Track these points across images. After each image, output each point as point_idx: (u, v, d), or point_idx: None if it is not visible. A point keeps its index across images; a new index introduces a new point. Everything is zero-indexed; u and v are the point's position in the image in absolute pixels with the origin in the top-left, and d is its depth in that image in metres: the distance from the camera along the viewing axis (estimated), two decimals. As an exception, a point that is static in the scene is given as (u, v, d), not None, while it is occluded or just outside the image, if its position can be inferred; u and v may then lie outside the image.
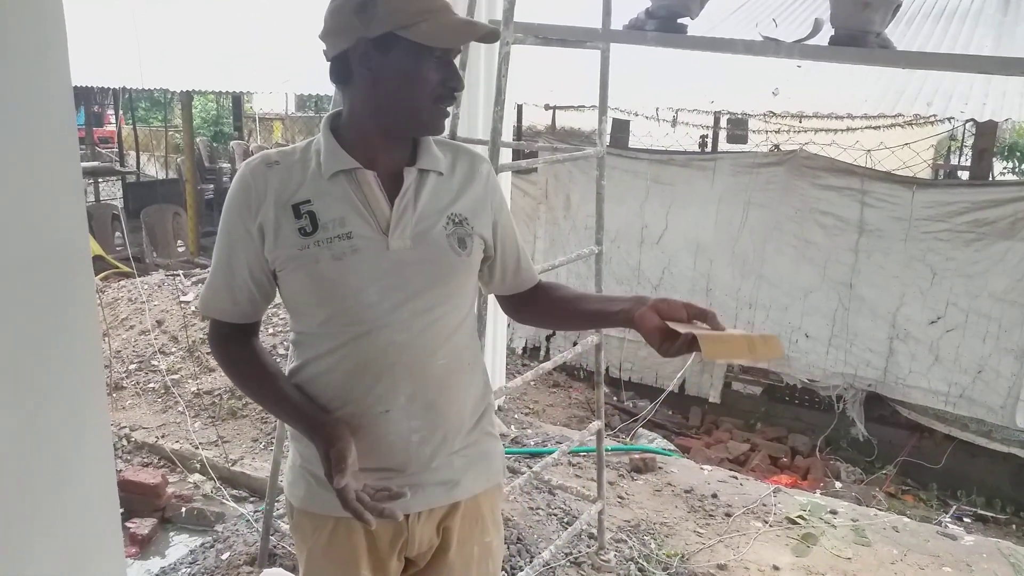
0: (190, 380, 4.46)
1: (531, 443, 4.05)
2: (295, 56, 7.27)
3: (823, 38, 2.13)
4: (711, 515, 3.44)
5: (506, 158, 3.73)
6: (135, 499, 3.30)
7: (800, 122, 7.50)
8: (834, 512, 3.53)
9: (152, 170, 14.06)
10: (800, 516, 3.44)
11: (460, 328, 1.35)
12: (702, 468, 4.02)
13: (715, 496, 3.59)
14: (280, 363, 1.38)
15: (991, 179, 6.42)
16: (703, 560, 3.06)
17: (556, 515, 3.28)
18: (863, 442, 5.71)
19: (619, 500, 3.51)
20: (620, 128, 8.69)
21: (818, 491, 4.62)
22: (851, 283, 5.57)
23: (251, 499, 3.48)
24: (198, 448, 3.77)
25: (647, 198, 6.25)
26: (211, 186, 10.75)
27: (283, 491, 1.47)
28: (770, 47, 2.16)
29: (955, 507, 5.02)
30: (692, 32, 2.33)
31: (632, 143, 8.56)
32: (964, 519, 4.80)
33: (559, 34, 2.55)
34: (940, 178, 8.51)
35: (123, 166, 12.19)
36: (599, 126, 2.76)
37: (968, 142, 8.34)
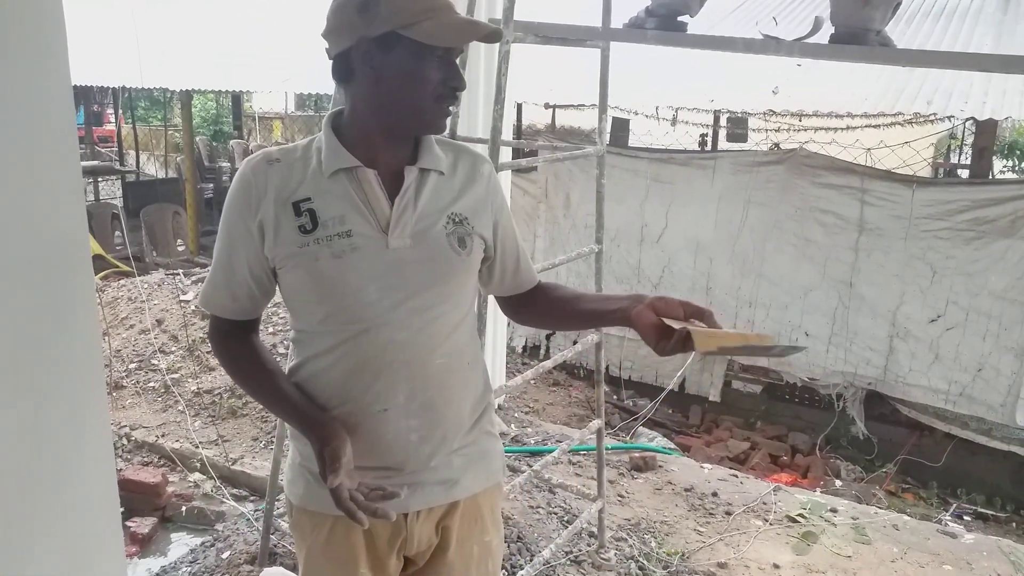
0: (190, 379, 4.46)
1: (531, 442, 4.05)
2: (295, 55, 7.27)
3: (823, 36, 2.13)
4: (711, 513, 3.44)
5: (506, 157, 3.74)
6: (135, 498, 3.30)
7: (800, 120, 7.49)
8: (834, 510, 3.53)
9: (152, 169, 14.06)
10: (800, 514, 3.44)
11: (459, 327, 1.34)
12: (702, 467, 4.02)
13: (715, 494, 3.59)
14: (280, 362, 1.38)
15: (991, 177, 6.42)
16: (703, 558, 3.06)
17: (556, 514, 3.28)
18: (863, 440, 5.70)
19: (619, 499, 3.51)
20: (620, 127, 8.68)
21: (818, 489, 4.62)
22: (851, 281, 5.56)
23: (251, 498, 3.48)
24: (198, 447, 3.77)
25: (647, 197, 6.25)
26: (211, 185, 10.75)
27: (283, 490, 1.47)
28: (770, 45, 2.15)
29: (955, 505, 5.02)
30: (692, 30, 2.33)
31: (632, 142, 8.56)
32: (964, 517, 4.80)
33: (559, 33, 2.55)
34: (940, 176, 8.51)
35: (123, 165, 12.18)
36: (599, 125, 2.76)
37: (968, 140, 8.34)
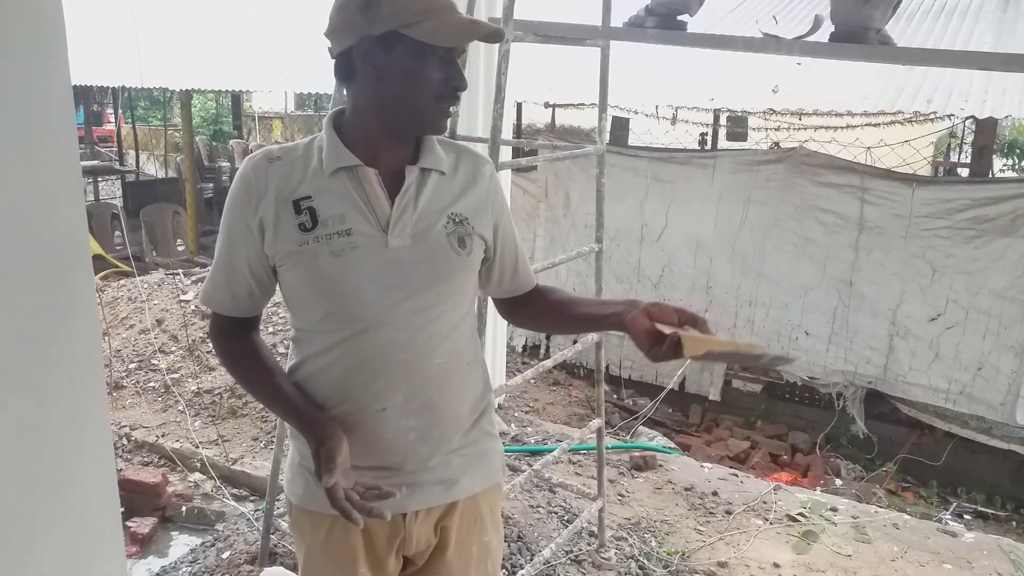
0: (190, 379, 4.46)
1: (531, 441, 4.05)
2: (294, 55, 7.27)
3: (823, 35, 2.13)
4: (711, 513, 3.44)
5: (506, 156, 3.74)
6: (135, 498, 3.30)
7: (800, 119, 7.50)
8: (834, 509, 3.53)
9: (152, 169, 14.06)
10: (800, 513, 3.44)
11: (459, 327, 1.34)
12: (702, 466, 4.02)
13: (715, 494, 3.59)
14: (280, 362, 1.38)
15: (991, 176, 6.42)
16: (704, 558, 3.06)
17: (556, 513, 3.28)
18: (863, 439, 5.71)
19: (619, 498, 3.51)
20: (620, 126, 8.68)
21: (818, 488, 4.62)
22: (851, 280, 5.56)
23: (251, 498, 3.48)
24: (198, 447, 3.77)
25: (647, 196, 6.25)
26: (211, 185, 10.75)
27: (283, 489, 1.47)
28: (770, 44, 2.15)
29: (955, 504, 5.02)
30: (692, 29, 2.33)
31: (632, 141, 8.56)
32: (964, 516, 4.80)
33: (559, 32, 2.55)
34: (940, 175, 8.52)
35: (122, 165, 12.18)
36: (599, 124, 2.75)
37: (968, 139, 8.34)
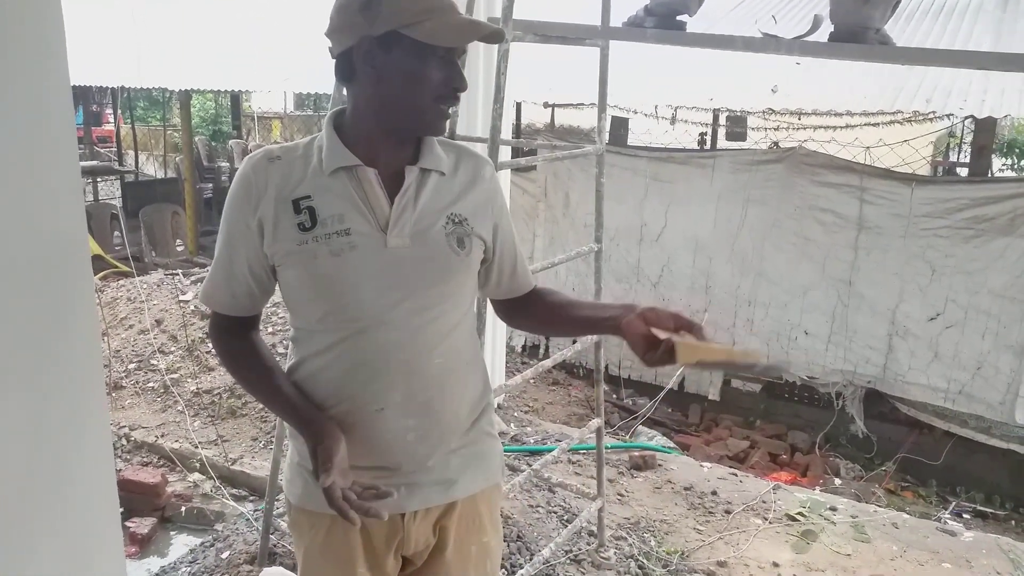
0: (189, 379, 4.45)
1: (531, 441, 4.05)
2: (294, 55, 7.27)
3: (822, 35, 2.13)
4: (711, 512, 3.44)
5: (505, 156, 3.74)
6: (135, 498, 3.30)
7: (799, 119, 7.49)
8: (834, 509, 3.54)
9: (151, 169, 14.06)
10: (800, 513, 3.45)
11: (458, 327, 1.34)
12: (702, 465, 4.02)
13: (715, 493, 3.59)
14: (280, 362, 1.38)
15: (990, 175, 6.42)
16: (703, 557, 3.06)
17: (556, 513, 3.28)
18: (862, 439, 5.71)
19: (619, 498, 3.51)
20: (619, 126, 8.66)
21: (818, 488, 4.63)
22: (850, 280, 5.57)
23: (251, 498, 3.48)
24: (197, 447, 3.77)
25: (646, 196, 6.25)
26: (210, 185, 10.75)
27: (283, 489, 1.47)
28: (769, 44, 2.16)
29: (954, 503, 5.03)
30: (691, 29, 2.33)
31: (631, 141, 8.54)
32: (963, 515, 4.81)
33: (558, 31, 2.55)
34: (939, 175, 8.51)
35: (122, 165, 12.18)
36: (598, 124, 2.75)
37: (967, 139, 8.35)
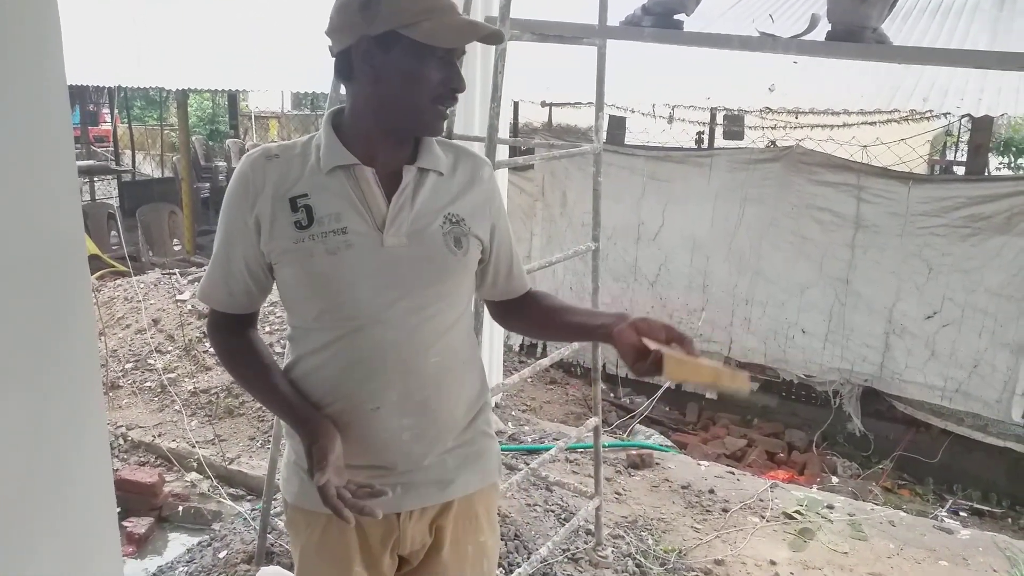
0: (186, 379, 4.45)
1: (528, 440, 4.05)
2: (291, 54, 7.25)
3: (819, 34, 2.14)
4: (708, 511, 3.44)
5: (503, 155, 3.74)
6: (132, 498, 3.30)
7: (796, 118, 7.50)
8: (831, 507, 3.54)
9: (148, 169, 14.02)
10: (797, 511, 3.45)
11: (455, 326, 1.34)
12: (699, 464, 4.03)
13: (712, 492, 3.60)
14: (277, 360, 1.38)
15: (987, 174, 6.43)
16: (700, 555, 3.07)
17: (553, 511, 3.28)
18: (860, 437, 5.71)
19: (616, 496, 3.51)
20: (616, 125, 8.65)
21: (815, 486, 4.63)
22: (847, 279, 5.57)
23: (248, 497, 3.48)
24: (195, 447, 3.77)
25: (644, 195, 6.25)
26: (207, 185, 10.74)
27: (280, 488, 1.47)
28: (766, 43, 2.16)
29: (951, 501, 5.04)
30: (688, 28, 2.34)
31: (628, 140, 8.53)
32: (960, 513, 4.81)
33: (556, 30, 2.55)
34: (936, 173, 8.52)
35: (119, 165, 12.14)
36: (595, 123, 2.76)
37: (964, 137, 8.36)
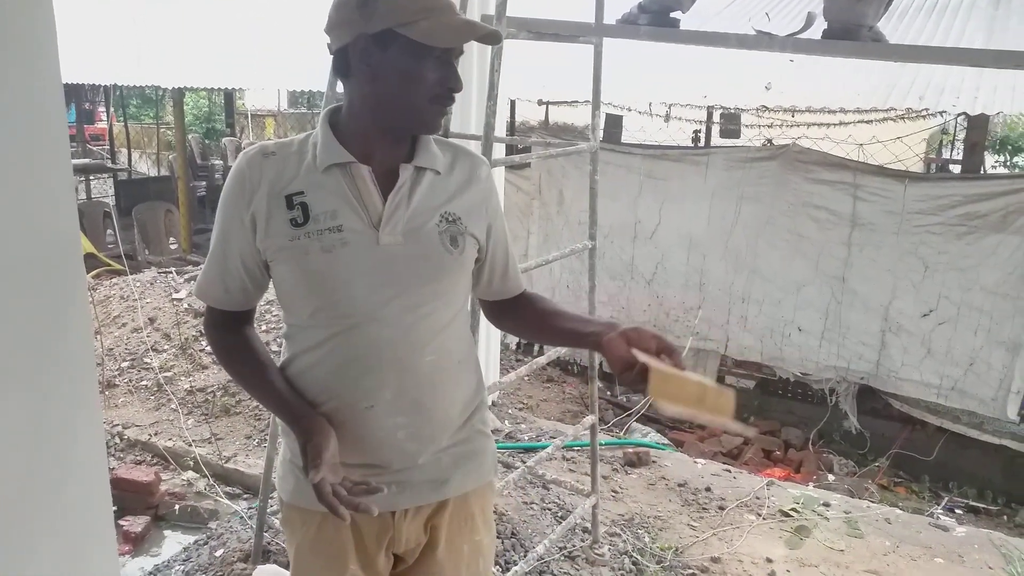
0: (183, 377, 4.44)
1: (525, 438, 4.05)
2: (288, 52, 7.24)
3: (816, 32, 2.14)
4: (705, 508, 3.45)
5: (499, 153, 3.73)
6: (128, 497, 3.30)
7: (793, 116, 7.52)
8: (827, 504, 3.55)
9: (144, 167, 14.01)
10: (793, 509, 3.46)
11: (450, 325, 1.34)
12: (695, 462, 4.03)
13: (708, 490, 3.60)
14: (274, 358, 1.38)
15: (983, 172, 6.44)
16: (697, 553, 3.07)
17: (550, 509, 3.29)
18: (856, 435, 5.72)
19: (613, 494, 3.51)
20: (613, 123, 8.65)
21: (811, 484, 4.63)
22: (844, 277, 5.58)
23: (245, 496, 3.48)
24: (191, 445, 3.76)
25: (640, 193, 6.25)
26: (203, 183, 10.71)
27: (276, 487, 1.47)
28: (763, 41, 2.16)
29: (947, 499, 5.05)
30: (684, 26, 2.34)
31: (625, 138, 8.53)
32: (956, 510, 4.82)
33: (552, 29, 2.55)
34: (932, 172, 8.54)
35: (115, 163, 12.11)
36: (592, 121, 2.76)
37: (960, 136, 8.39)
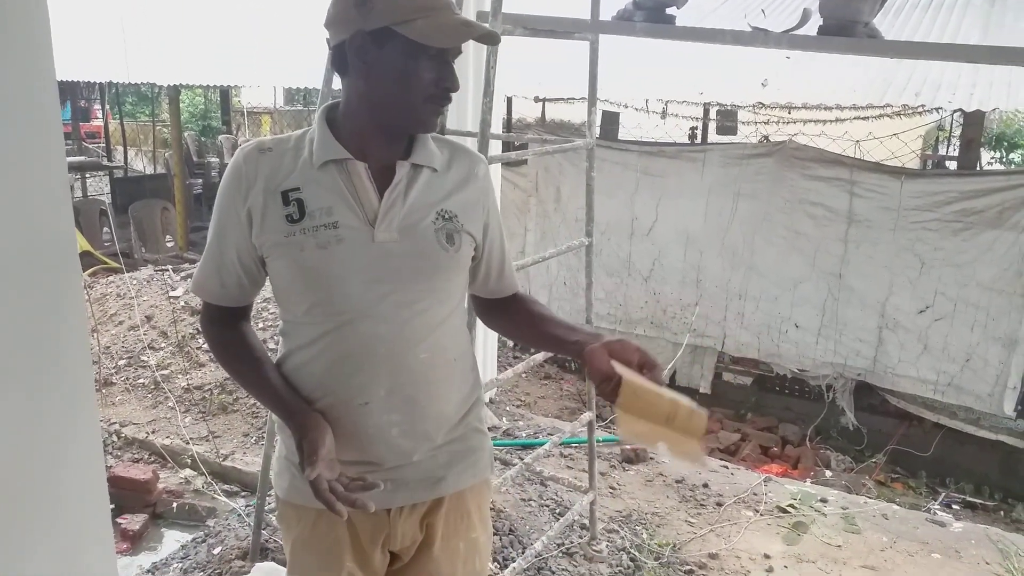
0: (180, 375, 4.44)
1: (523, 435, 4.06)
2: (284, 49, 7.22)
3: (812, 28, 2.14)
4: (702, 505, 3.45)
5: (495, 150, 3.74)
6: (126, 495, 3.29)
7: (789, 113, 7.51)
8: (824, 500, 3.56)
9: (140, 165, 13.98)
10: (791, 505, 3.47)
11: (445, 323, 1.34)
12: (693, 458, 4.03)
13: (706, 486, 3.61)
14: (271, 355, 1.38)
15: (979, 169, 6.45)
16: (694, 549, 3.08)
17: (548, 506, 3.29)
18: (853, 431, 5.73)
19: (611, 491, 3.52)
20: (610, 120, 8.65)
21: (808, 480, 4.65)
22: (840, 273, 5.58)
23: (242, 494, 3.48)
24: (189, 443, 3.76)
25: (637, 190, 6.25)
26: (199, 181, 10.69)
27: (272, 484, 1.47)
28: (759, 37, 2.16)
29: (944, 494, 5.06)
30: (680, 23, 2.34)
31: (622, 135, 8.53)
32: (953, 506, 4.83)
33: (547, 25, 2.55)
34: (928, 168, 8.55)
35: (110, 161, 12.08)
36: (588, 118, 2.76)
37: (956, 132, 8.39)
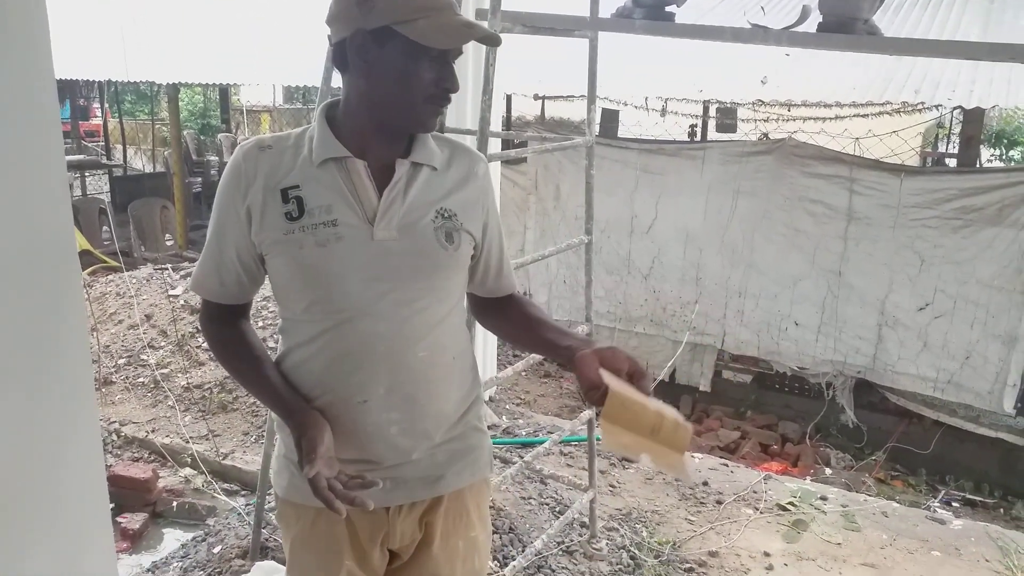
0: (180, 374, 4.44)
1: (522, 433, 4.06)
2: (283, 48, 7.22)
3: (811, 25, 2.13)
4: (702, 503, 3.45)
5: (495, 148, 3.73)
6: (126, 494, 3.30)
7: (789, 110, 7.49)
8: (824, 498, 3.56)
9: (139, 164, 13.97)
10: (790, 502, 3.47)
11: (444, 321, 1.34)
12: (693, 456, 4.03)
13: (706, 484, 3.61)
14: (270, 353, 1.38)
15: (978, 166, 6.45)
16: (694, 547, 3.08)
17: (548, 504, 3.29)
18: (853, 428, 5.74)
19: (610, 489, 3.52)
20: (609, 118, 8.64)
21: (808, 477, 4.65)
22: (840, 271, 5.58)
23: (242, 492, 3.48)
24: (188, 442, 3.76)
25: (636, 188, 6.25)
26: (199, 179, 10.69)
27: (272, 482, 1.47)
28: (758, 34, 2.16)
29: (944, 492, 5.06)
30: (679, 20, 2.33)
31: (621, 133, 8.53)
32: (953, 504, 4.84)
33: (547, 23, 2.54)
34: (928, 165, 8.54)
35: (110, 160, 12.07)
36: (588, 116, 2.75)
37: (955, 129, 8.38)
